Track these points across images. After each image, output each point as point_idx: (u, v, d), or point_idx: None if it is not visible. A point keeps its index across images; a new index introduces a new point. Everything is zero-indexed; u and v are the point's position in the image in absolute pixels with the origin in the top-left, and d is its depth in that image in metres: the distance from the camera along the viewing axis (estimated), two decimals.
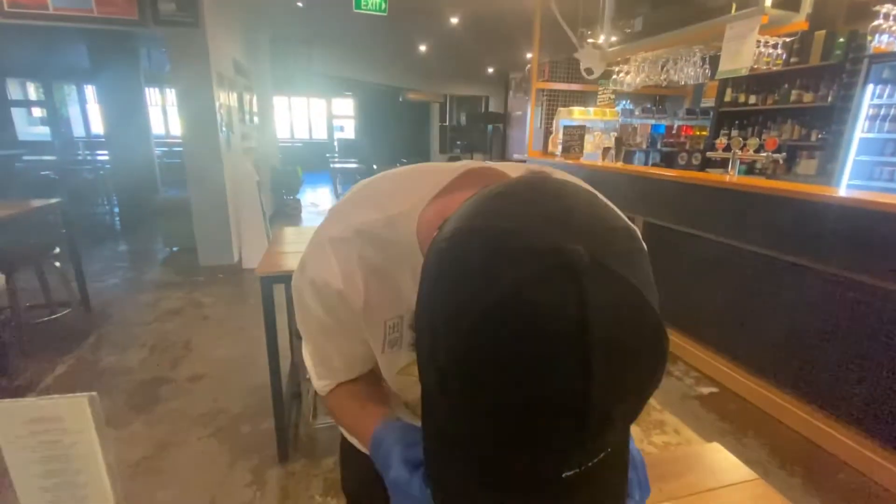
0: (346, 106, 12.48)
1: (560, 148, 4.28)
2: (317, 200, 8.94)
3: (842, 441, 1.98)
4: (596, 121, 4.51)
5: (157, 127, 8.56)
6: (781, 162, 3.73)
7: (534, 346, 0.25)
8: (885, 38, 2.67)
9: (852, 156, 3.73)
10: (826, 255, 2.02)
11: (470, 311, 0.27)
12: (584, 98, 6.79)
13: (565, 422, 0.27)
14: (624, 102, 5.83)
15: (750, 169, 4.36)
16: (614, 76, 3.73)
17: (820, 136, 4.03)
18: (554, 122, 4.95)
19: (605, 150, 3.70)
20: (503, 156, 10.18)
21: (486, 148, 11.35)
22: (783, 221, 2.18)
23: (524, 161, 5.57)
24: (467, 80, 10.99)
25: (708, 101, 5.43)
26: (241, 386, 2.46)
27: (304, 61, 8.04)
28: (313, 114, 12.41)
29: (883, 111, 3.54)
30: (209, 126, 4.16)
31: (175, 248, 4.98)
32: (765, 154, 2.93)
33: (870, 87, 3.53)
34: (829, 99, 3.90)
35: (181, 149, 4.60)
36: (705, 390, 2.53)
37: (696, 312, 2.74)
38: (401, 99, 10.86)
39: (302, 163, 8.48)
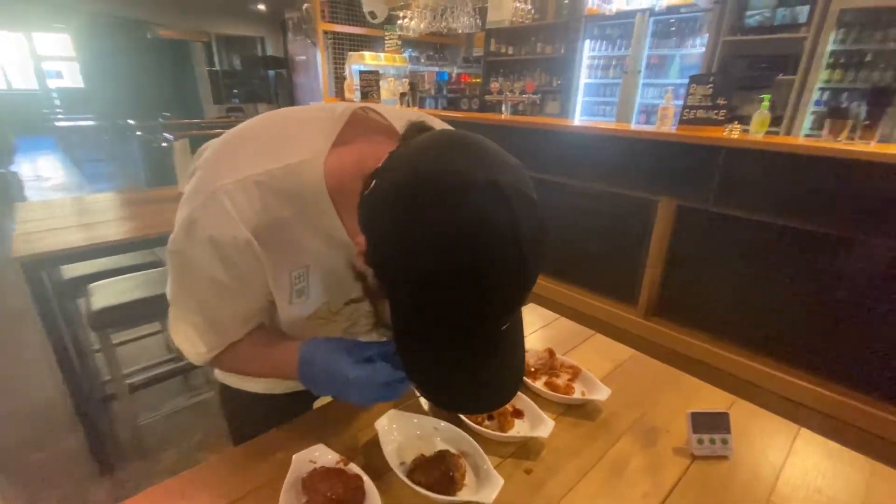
0: (60, 44, 9.37)
1: (358, 94, 4.27)
2: (44, 172, 6.80)
3: (596, 305, 2.78)
4: (387, 67, 4.61)
5: None
6: (538, 103, 4.57)
7: (490, 248, 0.38)
8: None
9: (580, 97, 4.84)
10: (577, 173, 2.68)
11: (440, 232, 0.38)
12: (369, 43, 6.77)
13: (512, 291, 0.41)
14: (409, 50, 6.06)
15: (514, 110, 5.21)
16: (399, 21, 3.85)
17: (558, 82, 5.06)
18: (346, 67, 4.85)
19: (402, 96, 3.88)
20: (292, 105, 9.44)
21: (270, 97, 10.29)
22: (545, 148, 2.77)
23: None
24: (235, 18, 9.53)
25: (478, 51, 6.12)
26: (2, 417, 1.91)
27: None
28: (5, 55, 9.00)
29: (596, 61, 4.66)
30: None
31: None
32: (526, 96, 3.56)
33: (587, 41, 4.57)
34: (562, 51, 4.90)
35: None
36: None
37: None
38: (149, 36, 8.75)
39: (4, 122, 6.22)
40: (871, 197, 1.71)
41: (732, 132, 2.14)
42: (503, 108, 3.37)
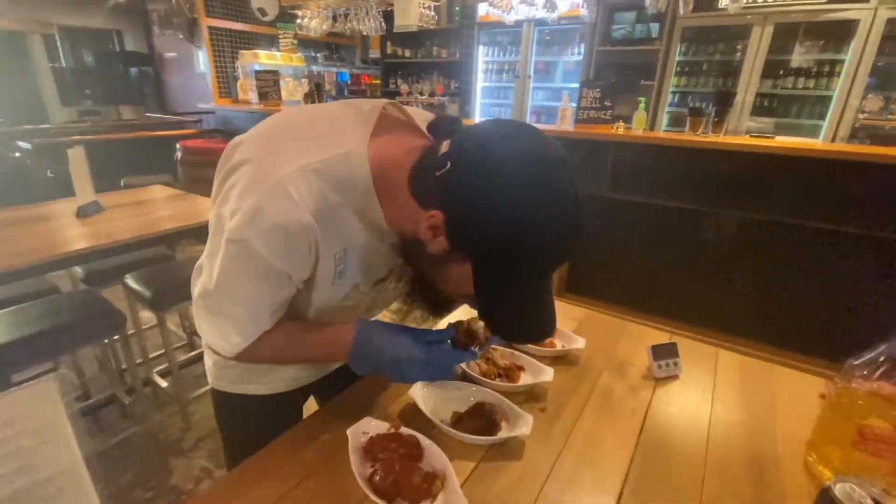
0: None
1: (254, 94, 4.03)
2: None
3: None
4: (284, 66, 4.42)
5: None
6: (446, 105, 4.76)
7: (566, 211, 0.50)
8: (486, 7, 3.73)
9: (479, 100, 5.15)
10: None
11: (537, 201, 0.48)
12: (254, 41, 6.37)
13: (573, 245, 0.52)
14: (302, 50, 5.84)
15: None
16: (298, 20, 3.74)
17: (456, 85, 5.32)
18: (237, 66, 4.53)
19: (307, 96, 3.76)
20: (164, 108, 8.44)
21: (135, 98, 9.05)
22: None
23: (212, 112, 4.92)
24: (83, 8, 8.19)
25: (374, 53, 6.15)
26: None
27: None
28: None
29: (491, 66, 5.00)
30: None
31: None
32: (436, 98, 3.72)
33: (481, 47, 4.89)
34: (458, 56, 5.16)
35: None
36: None
37: None
38: None
39: None
40: (723, 177, 2.17)
41: (619, 129, 2.52)
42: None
